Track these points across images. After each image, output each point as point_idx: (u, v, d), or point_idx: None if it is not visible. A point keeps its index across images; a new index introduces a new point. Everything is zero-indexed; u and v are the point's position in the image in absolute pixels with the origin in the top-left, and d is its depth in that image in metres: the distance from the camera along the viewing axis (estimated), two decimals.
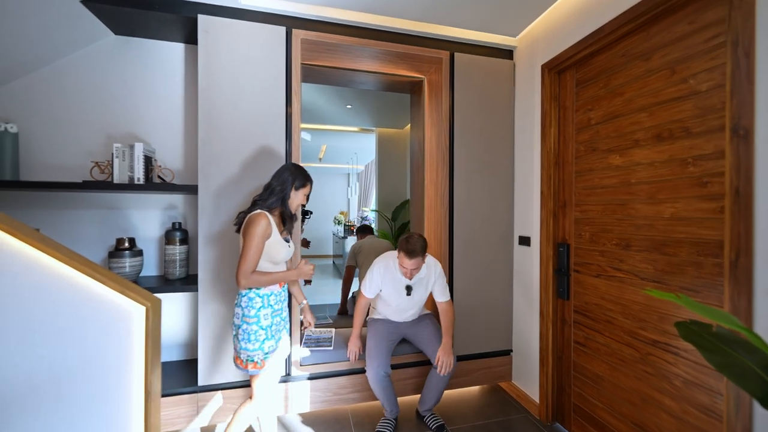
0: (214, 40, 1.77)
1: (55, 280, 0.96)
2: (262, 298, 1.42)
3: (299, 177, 1.52)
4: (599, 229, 1.67)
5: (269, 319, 1.43)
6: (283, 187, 1.48)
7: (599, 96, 1.67)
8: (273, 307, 1.45)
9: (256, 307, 1.41)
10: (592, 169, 1.71)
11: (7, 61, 1.69)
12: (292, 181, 1.50)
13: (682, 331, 0.76)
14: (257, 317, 1.40)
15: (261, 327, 1.40)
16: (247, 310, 1.40)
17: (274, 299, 1.46)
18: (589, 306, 1.74)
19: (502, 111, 2.23)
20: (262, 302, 1.42)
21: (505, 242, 2.24)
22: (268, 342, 1.42)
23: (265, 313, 1.42)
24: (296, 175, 1.51)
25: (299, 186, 1.52)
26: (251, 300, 1.41)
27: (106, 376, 0.99)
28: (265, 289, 1.43)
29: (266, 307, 1.43)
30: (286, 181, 1.49)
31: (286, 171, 1.51)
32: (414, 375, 2.06)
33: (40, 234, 0.94)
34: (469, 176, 2.18)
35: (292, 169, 1.52)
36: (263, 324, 1.41)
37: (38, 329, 0.92)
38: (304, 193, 1.54)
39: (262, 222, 1.37)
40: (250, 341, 1.38)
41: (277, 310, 1.47)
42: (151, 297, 1.05)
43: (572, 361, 1.84)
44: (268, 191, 1.48)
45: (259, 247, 1.36)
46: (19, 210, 1.79)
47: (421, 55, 2.09)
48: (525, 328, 2.15)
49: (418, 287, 1.89)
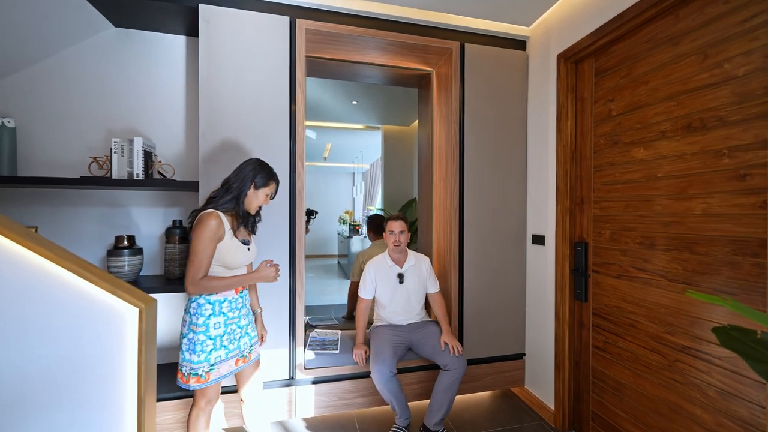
0: (216, 31, 1.70)
1: (45, 278, 0.90)
2: (212, 304, 1.30)
3: (261, 174, 1.36)
4: (621, 227, 1.57)
5: (221, 328, 1.30)
6: (240, 185, 1.34)
7: (621, 85, 1.57)
8: (226, 314, 1.33)
9: (206, 315, 1.29)
10: (612, 163, 1.62)
11: (5, 54, 1.64)
12: (252, 178, 1.35)
13: (722, 338, 0.67)
14: (206, 326, 1.28)
15: (209, 336, 1.28)
16: (195, 318, 1.28)
17: (228, 306, 1.33)
18: (609, 308, 1.64)
19: (514, 104, 2.13)
20: (212, 310, 1.30)
21: (518, 241, 2.15)
22: (216, 352, 1.29)
23: (215, 322, 1.29)
24: (258, 172, 1.36)
25: (260, 184, 1.36)
26: (200, 307, 1.29)
27: (97, 382, 0.92)
28: (216, 295, 1.31)
29: (217, 315, 1.30)
30: (246, 178, 1.34)
31: (248, 166, 1.37)
32: (420, 379, 1.98)
33: (29, 231, 0.88)
34: (480, 172, 2.09)
35: (254, 164, 1.37)
36: (212, 333, 1.29)
37: (27, 330, 0.86)
38: (265, 193, 1.39)
39: (210, 223, 1.24)
40: (195, 352, 1.26)
41: (233, 318, 1.35)
42: (145, 297, 0.98)
43: (591, 366, 1.74)
44: (224, 188, 1.35)
45: (208, 251, 1.24)
46: (17, 207, 1.74)
47: (429, 45, 2.01)
48: (539, 331, 2.05)
49: (410, 275, 1.92)
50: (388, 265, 1.91)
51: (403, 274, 1.90)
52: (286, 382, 1.81)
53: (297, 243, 1.81)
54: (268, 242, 1.76)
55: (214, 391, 1.34)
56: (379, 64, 2.22)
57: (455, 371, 1.66)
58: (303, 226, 1.84)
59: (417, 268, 1.93)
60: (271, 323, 1.77)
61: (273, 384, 1.78)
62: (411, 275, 1.91)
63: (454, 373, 1.66)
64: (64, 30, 1.72)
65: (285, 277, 1.79)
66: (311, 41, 1.93)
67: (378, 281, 1.90)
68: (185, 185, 1.71)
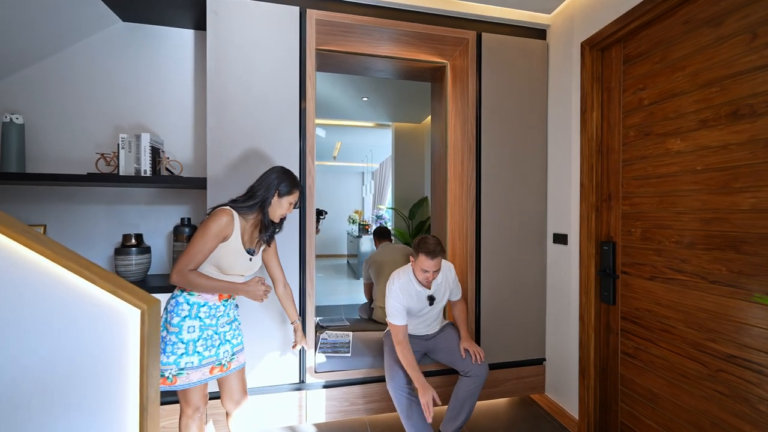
0: (224, 22, 1.65)
1: (43, 277, 0.84)
2: (191, 306, 1.24)
3: (286, 182, 1.33)
4: (654, 225, 1.46)
5: (195, 333, 1.23)
6: (264, 193, 1.30)
7: (654, 72, 1.46)
8: (202, 320, 1.25)
9: (181, 316, 1.23)
10: (644, 156, 1.50)
11: (13, 51, 1.62)
12: (277, 185, 1.31)
13: None
14: (179, 327, 1.22)
15: (181, 340, 1.21)
16: (170, 316, 1.23)
17: (206, 312, 1.26)
18: (640, 312, 1.52)
19: (534, 96, 2.03)
20: (189, 312, 1.23)
21: (538, 240, 2.04)
22: (188, 357, 1.22)
23: (189, 326, 1.23)
24: (282, 180, 1.33)
25: (284, 192, 1.33)
26: (178, 305, 1.23)
27: (98, 387, 0.87)
28: (197, 297, 1.25)
29: (193, 318, 1.23)
30: (271, 186, 1.31)
31: (272, 174, 1.33)
32: (436, 384, 1.89)
33: (26, 227, 0.83)
34: (498, 168, 1.99)
35: (278, 172, 1.34)
36: (185, 337, 1.22)
37: (23, 332, 0.81)
38: (289, 202, 1.35)
39: (221, 218, 1.19)
40: (164, 352, 1.20)
41: (209, 324, 1.27)
42: (147, 298, 0.92)
43: (619, 374, 1.63)
44: (248, 194, 1.32)
45: (208, 245, 1.18)
46: (26, 205, 1.72)
47: (444, 36, 1.92)
48: (561, 335, 1.94)
49: (439, 293, 1.73)
50: (415, 290, 1.66)
51: (433, 296, 1.69)
52: (296, 385, 1.74)
53: (307, 242, 1.74)
54: (278, 242, 1.70)
55: (198, 396, 1.28)
56: (391, 56, 2.14)
57: (477, 378, 1.56)
58: (313, 225, 1.77)
59: (444, 284, 1.73)
60: (281, 324, 1.71)
61: (283, 388, 1.72)
62: (440, 292, 1.72)
63: (476, 380, 1.56)
64: (72, 25, 1.69)
65: (295, 278, 1.73)
66: (321, 33, 1.86)
67: (408, 305, 1.66)
68: (192, 182, 1.66)
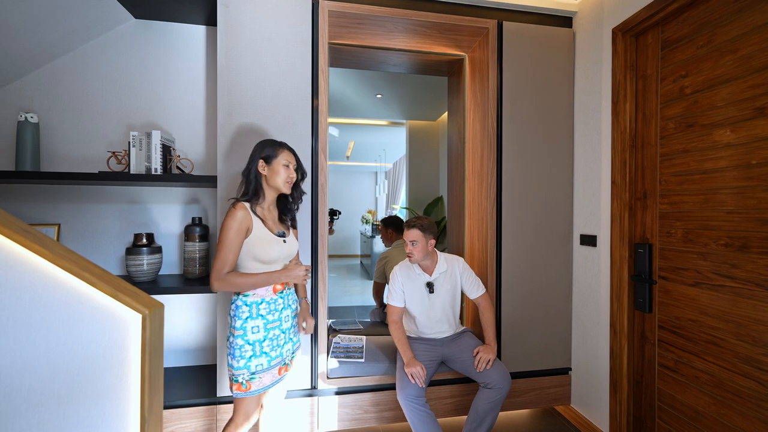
0: (235, 15, 1.60)
1: (41, 279, 0.80)
2: (249, 306, 1.22)
3: (266, 147, 1.26)
4: (698, 226, 1.32)
5: (260, 333, 1.22)
6: (251, 169, 1.24)
7: (699, 57, 1.32)
8: (265, 317, 1.23)
9: (243, 318, 1.21)
10: (686, 150, 1.37)
11: (28, 51, 1.61)
12: (259, 156, 1.25)
13: None
14: (243, 329, 1.20)
15: (247, 341, 1.20)
16: (234, 321, 1.22)
17: (266, 308, 1.24)
18: (681, 322, 1.39)
19: (558, 88, 1.91)
20: (249, 312, 1.22)
21: (563, 241, 1.92)
22: (257, 360, 1.20)
23: (253, 326, 1.21)
24: (262, 148, 1.26)
25: (270, 157, 1.25)
26: (237, 309, 1.22)
27: (95, 397, 0.82)
28: (253, 296, 1.23)
29: (254, 318, 1.22)
30: (253, 161, 1.25)
31: (253, 152, 1.27)
32: (453, 394, 1.79)
33: (21, 224, 0.79)
34: (521, 165, 1.87)
35: (257, 145, 1.28)
36: (250, 338, 1.20)
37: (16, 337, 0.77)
38: (282, 164, 1.25)
39: (236, 215, 1.18)
40: (234, 357, 1.19)
41: (274, 321, 1.25)
42: (150, 302, 0.86)
43: (656, 387, 1.49)
44: (242, 181, 1.28)
45: (234, 244, 1.17)
46: (40, 204, 1.72)
47: (462, 25, 1.82)
48: (589, 343, 1.81)
49: (441, 284, 1.68)
50: (416, 273, 1.69)
51: (432, 283, 1.67)
52: (307, 391, 1.68)
53: (320, 242, 1.68)
54: None
55: (254, 405, 1.24)
56: (406, 49, 2.05)
57: (499, 390, 1.45)
58: (326, 224, 1.71)
59: (449, 275, 1.70)
60: None
61: (294, 393, 1.66)
62: (442, 283, 1.69)
63: (497, 392, 1.45)
64: (85, 23, 1.68)
65: None
66: (334, 25, 1.79)
67: (407, 290, 1.69)
68: (203, 180, 1.62)
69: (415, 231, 1.63)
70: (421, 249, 1.64)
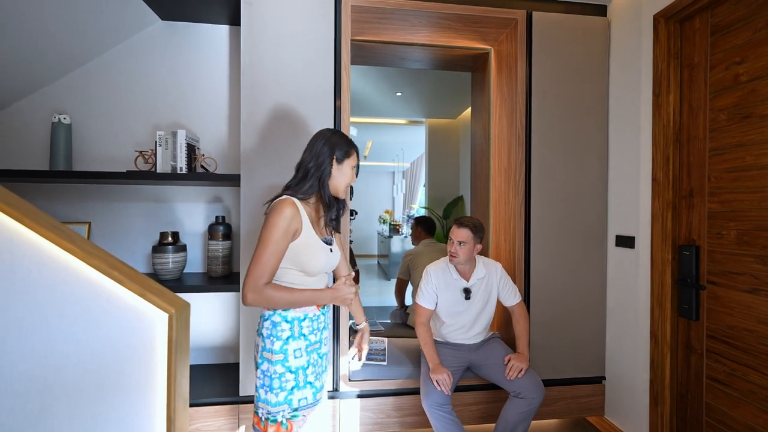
0: (258, 13, 1.59)
1: (72, 278, 0.80)
2: (290, 323, 1.00)
3: (339, 144, 1.07)
4: (755, 226, 1.21)
5: (303, 358, 1.00)
6: (319, 163, 1.04)
7: (757, 41, 1.20)
8: (307, 338, 1.02)
9: (283, 338, 0.99)
10: (742, 143, 1.25)
11: (61, 55, 1.67)
12: (331, 152, 1.05)
13: None
14: (284, 353, 0.98)
15: (289, 369, 0.98)
16: (270, 342, 0.99)
17: (309, 326, 1.02)
18: (735, 331, 1.27)
19: (591, 81, 1.80)
20: (291, 331, 0.99)
21: (597, 242, 1.81)
22: (300, 392, 0.99)
23: (296, 348, 0.99)
24: (336, 143, 1.06)
25: (342, 157, 1.06)
26: (275, 326, 0.99)
27: (123, 396, 0.81)
28: (294, 311, 1.01)
29: (297, 338, 1.00)
30: (322, 154, 1.04)
31: (319, 141, 1.07)
32: (480, 400, 1.72)
33: (53, 221, 0.79)
34: (551, 161, 1.78)
35: (327, 136, 1.07)
36: (293, 364, 0.98)
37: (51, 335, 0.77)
38: (350, 166, 1.09)
39: (285, 212, 0.96)
40: (272, 390, 0.97)
41: (315, 343, 1.04)
42: (177, 301, 0.85)
43: (704, 402, 1.38)
44: (300, 172, 1.06)
45: (278, 247, 0.95)
46: (72, 203, 1.77)
47: (488, 17, 1.75)
48: (625, 351, 1.70)
49: (478, 290, 1.58)
50: (452, 278, 1.58)
51: (470, 289, 1.57)
52: (329, 394, 1.65)
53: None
54: None
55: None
56: (428, 44, 2.00)
57: (531, 401, 1.37)
58: (348, 225, 1.67)
59: (486, 281, 1.60)
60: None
61: None
62: (479, 290, 1.59)
63: (530, 402, 1.38)
64: (115, 26, 1.72)
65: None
66: (356, 21, 1.76)
67: (440, 293, 1.59)
68: (227, 178, 1.62)
69: (466, 231, 1.52)
70: (468, 252, 1.53)
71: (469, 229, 1.53)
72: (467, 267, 1.61)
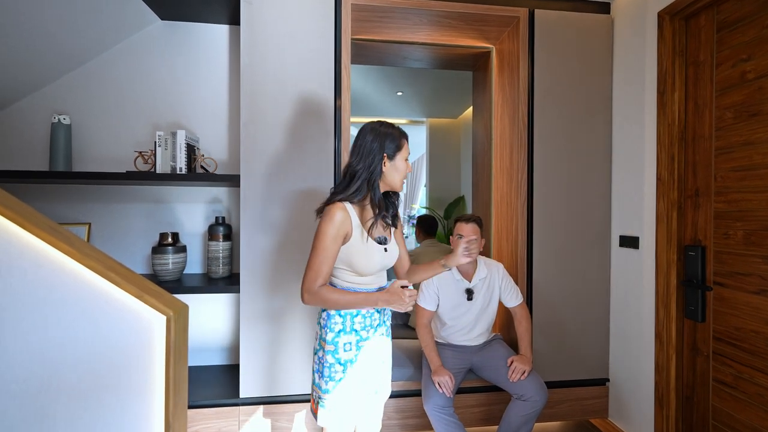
0: (257, 12, 1.58)
1: (67, 279, 0.79)
2: (343, 318, 1.05)
3: (390, 138, 1.03)
4: (762, 227, 1.19)
5: (352, 351, 1.05)
6: (368, 164, 1.02)
7: (764, 38, 1.18)
8: (358, 333, 1.06)
9: (335, 331, 1.05)
10: (748, 142, 1.23)
11: (61, 54, 1.66)
12: (381, 148, 1.02)
13: None
14: (335, 345, 1.04)
15: (338, 361, 1.03)
16: (325, 332, 1.05)
17: (361, 322, 1.07)
18: (741, 333, 1.25)
19: (595, 79, 1.78)
20: (343, 325, 1.05)
21: (600, 243, 1.79)
22: (346, 383, 1.04)
23: (346, 342, 1.04)
24: (385, 137, 1.03)
25: (393, 152, 1.03)
26: (330, 318, 1.05)
27: (121, 399, 0.80)
28: None
29: (348, 333, 1.05)
30: (372, 152, 1.01)
31: (366, 137, 1.03)
32: (481, 402, 1.71)
33: (50, 222, 0.78)
34: (554, 161, 1.76)
35: (374, 132, 1.03)
36: (342, 357, 1.03)
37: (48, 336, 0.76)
38: (404, 158, 1.06)
39: (335, 217, 0.99)
40: (324, 376, 1.04)
41: (365, 339, 1.08)
42: (175, 303, 0.84)
43: (710, 405, 1.36)
44: (347, 176, 1.05)
45: (330, 252, 1.00)
46: (72, 203, 1.76)
47: (490, 15, 1.73)
48: (629, 353, 1.68)
49: (480, 291, 1.56)
50: (455, 278, 1.56)
51: (472, 289, 1.55)
52: None
53: None
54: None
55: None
56: (429, 43, 1.98)
57: (534, 403, 1.36)
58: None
59: (488, 281, 1.58)
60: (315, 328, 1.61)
61: None
62: (481, 290, 1.57)
63: (533, 405, 1.36)
64: (114, 25, 1.71)
65: None
66: (356, 20, 1.75)
67: (442, 294, 1.57)
68: (226, 179, 1.61)
69: (475, 226, 1.49)
70: (479, 247, 1.47)
71: (477, 224, 1.52)
72: (469, 267, 1.59)
